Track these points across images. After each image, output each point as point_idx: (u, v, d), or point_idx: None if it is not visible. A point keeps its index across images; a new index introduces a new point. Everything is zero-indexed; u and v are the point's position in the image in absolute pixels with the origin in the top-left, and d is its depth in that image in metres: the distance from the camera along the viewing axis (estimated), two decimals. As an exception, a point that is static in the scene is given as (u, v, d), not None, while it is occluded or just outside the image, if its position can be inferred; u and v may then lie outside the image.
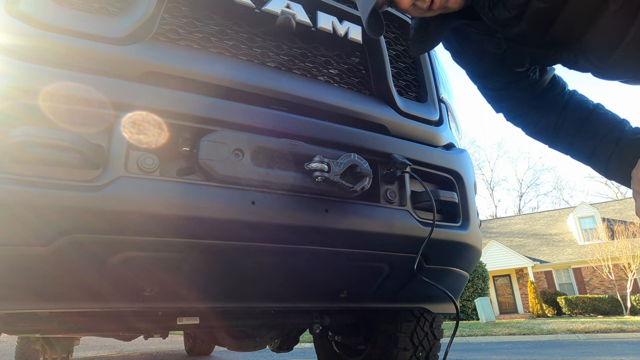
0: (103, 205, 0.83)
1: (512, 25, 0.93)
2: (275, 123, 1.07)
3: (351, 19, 1.31)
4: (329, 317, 1.69)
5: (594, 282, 22.51)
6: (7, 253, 0.80)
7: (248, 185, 0.98)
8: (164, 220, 0.89)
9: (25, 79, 0.83)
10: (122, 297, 1.01)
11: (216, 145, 0.95)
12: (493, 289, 23.76)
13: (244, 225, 0.96)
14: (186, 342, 5.74)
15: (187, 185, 0.91)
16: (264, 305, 1.32)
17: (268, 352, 5.41)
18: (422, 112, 1.43)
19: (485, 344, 8.75)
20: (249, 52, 1.17)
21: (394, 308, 1.64)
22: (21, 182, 0.78)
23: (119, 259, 0.91)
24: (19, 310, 0.98)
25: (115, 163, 0.86)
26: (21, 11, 0.87)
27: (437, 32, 1.05)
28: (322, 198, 1.07)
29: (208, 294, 1.12)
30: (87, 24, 0.92)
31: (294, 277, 1.20)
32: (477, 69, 1.16)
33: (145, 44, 0.98)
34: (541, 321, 14.55)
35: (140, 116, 0.90)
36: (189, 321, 1.44)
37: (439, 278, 1.34)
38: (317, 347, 2.26)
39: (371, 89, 1.37)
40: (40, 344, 3.02)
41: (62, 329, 1.33)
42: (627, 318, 15.59)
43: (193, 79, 1.01)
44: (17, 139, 0.78)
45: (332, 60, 1.33)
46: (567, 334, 10.02)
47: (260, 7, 1.14)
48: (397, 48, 1.51)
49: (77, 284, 0.93)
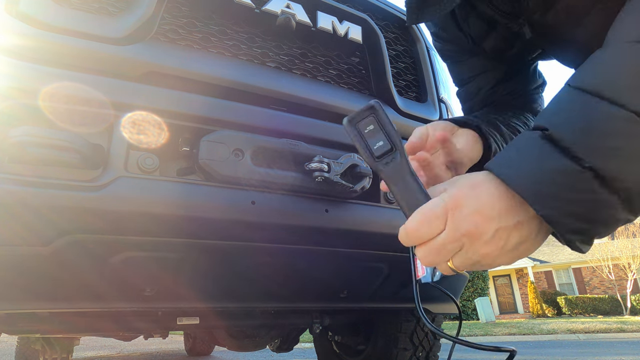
0: (103, 205, 0.83)
1: (542, 13, 0.79)
2: (275, 123, 1.07)
3: (351, 19, 1.31)
4: (329, 317, 1.69)
5: (594, 282, 22.53)
6: (7, 253, 0.80)
7: (248, 185, 0.98)
8: (164, 220, 0.89)
9: (25, 79, 0.83)
10: (122, 297, 1.01)
11: (216, 145, 0.95)
12: (493, 289, 23.76)
13: (244, 225, 0.96)
14: (186, 342, 5.75)
15: (187, 185, 0.91)
16: (264, 306, 1.32)
17: (268, 352, 5.41)
18: (422, 112, 1.43)
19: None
20: (249, 52, 1.17)
21: (394, 308, 1.64)
22: (21, 182, 0.78)
23: (119, 259, 0.91)
24: (19, 310, 0.99)
25: (115, 163, 0.86)
26: (21, 11, 0.87)
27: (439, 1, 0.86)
28: (322, 198, 1.07)
29: (208, 294, 1.12)
30: (87, 24, 0.92)
31: (294, 277, 1.20)
32: (464, 47, 1.02)
33: (146, 44, 0.98)
34: (541, 321, 14.55)
35: (140, 116, 0.90)
36: (189, 321, 1.45)
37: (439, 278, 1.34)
38: (317, 347, 2.26)
39: (371, 89, 1.37)
40: (40, 344, 3.02)
41: (62, 329, 1.34)
42: (627, 318, 15.60)
43: (193, 79, 1.01)
44: (17, 139, 0.78)
45: (332, 60, 1.33)
46: (567, 334, 10.02)
47: (260, 7, 1.14)
48: (397, 48, 1.51)
49: (77, 284, 0.93)
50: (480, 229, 0.51)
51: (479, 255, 0.53)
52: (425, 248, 0.55)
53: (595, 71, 0.52)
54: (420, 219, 0.54)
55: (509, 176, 0.51)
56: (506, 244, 0.52)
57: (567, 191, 0.48)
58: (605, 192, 0.47)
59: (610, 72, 0.51)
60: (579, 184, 0.47)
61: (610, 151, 0.47)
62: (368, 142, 0.61)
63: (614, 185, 0.47)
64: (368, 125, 0.61)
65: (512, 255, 0.54)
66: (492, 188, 0.53)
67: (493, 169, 0.54)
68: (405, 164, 0.60)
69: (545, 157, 0.49)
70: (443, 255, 0.54)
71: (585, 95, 0.50)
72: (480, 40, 0.98)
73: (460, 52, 1.06)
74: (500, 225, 0.52)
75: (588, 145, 0.48)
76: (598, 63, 0.53)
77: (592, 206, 0.48)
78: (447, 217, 0.53)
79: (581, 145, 0.48)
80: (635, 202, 0.48)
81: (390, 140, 0.60)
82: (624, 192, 0.47)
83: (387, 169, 0.60)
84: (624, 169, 0.46)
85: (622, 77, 0.49)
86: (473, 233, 0.52)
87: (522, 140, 0.54)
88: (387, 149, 0.60)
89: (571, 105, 0.52)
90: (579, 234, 0.50)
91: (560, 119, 0.52)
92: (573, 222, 0.49)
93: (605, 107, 0.48)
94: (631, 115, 0.47)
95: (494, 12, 0.89)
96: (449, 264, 0.55)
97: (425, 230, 0.53)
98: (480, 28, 0.96)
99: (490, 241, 0.52)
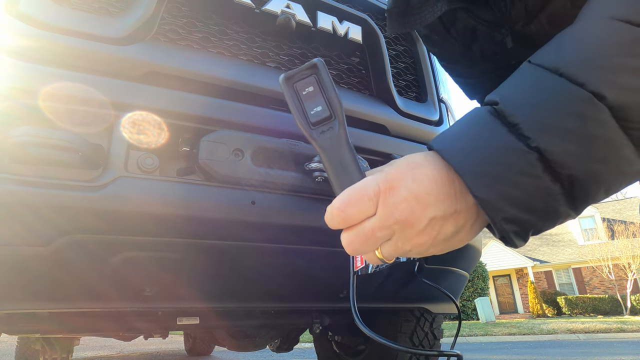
0: (103, 205, 0.83)
1: (525, 23, 0.77)
2: (275, 123, 1.07)
3: (351, 19, 1.31)
4: (329, 317, 1.69)
5: (594, 282, 22.53)
6: (7, 253, 0.80)
7: (248, 185, 0.98)
8: (164, 220, 0.89)
9: (26, 79, 0.83)
10: (122, 297, 1.01)
11: (216, 145, 0.95)
12: (493, 289, 23.76)
13: (244, 225, 0.97)
14: (186, 342, 5.75)
15: (187, 185, 0.91)
16: (264, 306, 1.32)
17: (268, 352, 5.41)
18: (422, 112, 1.43)
19: (485, 344, 8.75)
20: (249, 52, 1.17)
21: (394, 308, 1.64)
22: (21, 182, 0.78)
23: (119, 259, 0.91)
24: (19, 310, 0.98)
25: (115, 163, 0.86)
26: (21, 11, 0.87)
27: (422, 10, 0.84)
28: (322, 198, 1.07)
29: (208, 294, 1.12)
30: (87, 24, 0.92)
31: (294, 277, 1.20)
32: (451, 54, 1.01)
33: (146, 44, 0.98)
34: (541, 321, 14.55)
35: (140, 116, 0.90)
36: (189, 321, 1.45)
37: (439, 278, 1.34)
38: (317, 347, 2.26)
39: (371, 89, 1.37)
40: (40, 344, 3.02)
41: (62, 329, 1.34)
42: (627, 318, 15.60)
43: (193, 79, 1.01)
44: (17, 139, 0.78)
45: (332, 60, 1.33)
46: (567, 334, 10.02)
47: (260, 7, 1.14)
48: (397, 48, 1.51)
49: (77, 284, 0.93)
50: (415, 217, 0.47)
51: (410, 244, 0.48)
52: (352, 233, 0.49)
53: (557, 48, 0.47)
54: (348, 199, 0.48)
55: (449, 151, 0.47)
56: (439, 234, 0.48)
57: (508, 172, 0.43)
58: (548, 178, 0.43)
59: (573, 49, 0.46)
60: (522, 165, 0.43)
61: (561, 132, 0.42)
62: (305, 105, 0.54)
63: (558, 170, 0.43)
64: (307, 86, 0.54)
65: (445, 246, 0.50)
66: (431, 170, 0.47)
67: (433, 144, 0.49)
68: (344, 135, 0.54)
69: (491, 132, 0.45)
70: (371, 243, 0.49)
71: (543, 72, 0.46)
72: (469, 45, 0.97)
73: (452, 53, 1.06)
74: (437, 214, 0.47)
75: (538, 123, 0.43)
76: (561, 40, 0.48)
77: (533, 192, 0.43)
78: (379, 199, 0.47)
79: (531, 123, 0.44)
80: (577, 195, 0.44)
81: (329, 107, 0.54)
82: (567, 180, 0.43)
83: (321, 138, 0.54)
84: (571, 154, 0.42)
85: (585, 54, 0.44)
86: (406, 221, 0.47)
87: (470, 115, 0.49)
88: (325, 116, 0.54)
89: (526, 80, 0.47)
90: (515, 224, 0.45)
91: (511, 92, 0.47)
92: (510, 208, 0.44)
93: (563, 85, 0.44)
94: (589, 95, 0.42)
95: (476, 22, 0.87)
96: (376, 253, 0.51)
97: (353, 212, 0.48)
98: (466, 35, 0.95)
99: (423, 231, 0.47)
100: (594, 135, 0.42)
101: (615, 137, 0.42)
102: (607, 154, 0.43)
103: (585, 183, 0.43)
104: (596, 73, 0.43)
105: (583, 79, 0.43)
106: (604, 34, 0.44)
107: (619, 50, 0.42)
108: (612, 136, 0.42)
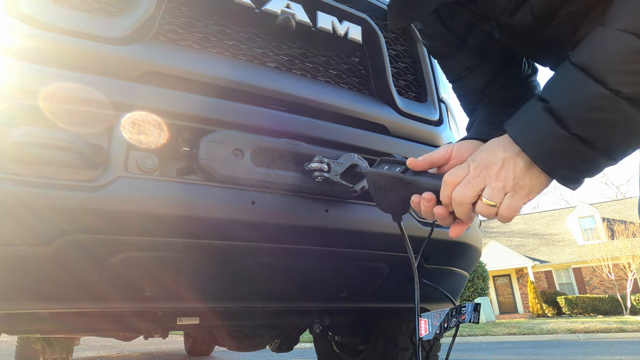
0: (103, 205, 0.83)
1: (510, 14, 0.82)
2: (275, 123, 1.07)
3: (351, 19, 1.31)
4: (329, 317, 1.69)
5: (594, 282, 22.51)
6: (7, 253, 0.80)
7: (248, 185, 0.98)
8: (164, 220, 0.89)
9: (26, 79, 0.83)
10: (122, 297, 1.01)
11: (216, 145, 0.95)
12: (493, 289, 23.76)
13: (244, 225, 0.96)
14: (186, 342, 5.75)
15: (187, 185, 0.91)
16: (264, 306, 1.32)
17: (268, 352, 5.41)
18: (422, 112, 1.43)
19: (485, 344, 8.75)
20: (249, 52, 1.17)
21: (394, 308, 1.64)
22: (21, 182, 0.78)
23: (118, 259, 0.91)
24: (19, 310, 0.99)
25: (115, 163, 0.86)
26: (21, 11, 0.87)
27: (420, 4, 0.90)
28: (322, 198, 1.07)
29: (208, 294, 1.12)
30: (87, 24, 0.92)
31: (294, 277, 1.20)
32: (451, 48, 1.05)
33: (145, 44, 0.98)
34: (541, 321, 14.56)
35: (140, 116, 0.90)
36: (189, 321, 1.44)
37: (439, 278, 1.34)
38: (317, 347, 2.26)
39: (371, 89, 1.37)
40: (40, 344, 3.02)
41: (62, 329, 1.34)
42: (627, 318, 15.60)
43: (193, 79, 1.01)
44: (17, 139, 0.78)
45: (332, 60, 1.33)
46: (567, 334, 10.02)
47: (260, 7, 1.14)
48: (397, 48, 1.51)
49: (77, 284, 0.93)
50: (491, 159, 0.71)
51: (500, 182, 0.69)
52: (459, 187, 0.73)
53: (588, 50, 0.64)
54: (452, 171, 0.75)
55: (521, 139, 0.69)
56: (515, 169, 0.69)
57: (560, 151, 0.65)
58: (587, 149, 0.63)
59: (599, 53, 0.62)
60: (567, 144, 0.64)
61: (592, 123, 0.62)
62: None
63: (595, 145, 0.63)
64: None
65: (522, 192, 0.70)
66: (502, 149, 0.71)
67: (507, 129, 0.71)
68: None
69: (545, 125, 0.65)
70: (470, 188, 0.71)
71: (577, 72, 0.63)
72: (464, 37, 1.00)
73: (447, 48, 1.07)
74: (506, 155, 0.70)
75: (575, 116, 0.63)
76: (592, 42, 0.64)
77: (579, 160, 0.65)
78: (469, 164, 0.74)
79: (570, 116, 0.63)
80: (613, 152, 0.64)
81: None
82: (602, 149, 0.63)
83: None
84: (602, 136, 0.62)
85: (607, 58, 0.60)
86: (485, 162, 0.71)
87: (530, 110, 0.69)
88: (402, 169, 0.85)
89: (566, 80, 0.65)
90: (570, 180, 0.68)
91: (557, 92, 0.66)
92: (565, 172, 0.67)
93: (591, 84, 0.61)
94: (609, 93, 0.59)
95: (468, 14, 0.93)
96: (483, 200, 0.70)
97: (457, 173, 0.74)
98: (462, 27, 0.99)
99: (502, 169, 0.69)
100: (614, 120, 0.61)
101: (635, 118, 0.60)
102: (630, 130, 0.62)
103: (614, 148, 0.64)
104: (615, 75, 0.59)
105: (605, 79, 0.59)
106: (619, 45, 0.59)
107: (631, 58, 0.59)
108: (632, 117, 0.60)
